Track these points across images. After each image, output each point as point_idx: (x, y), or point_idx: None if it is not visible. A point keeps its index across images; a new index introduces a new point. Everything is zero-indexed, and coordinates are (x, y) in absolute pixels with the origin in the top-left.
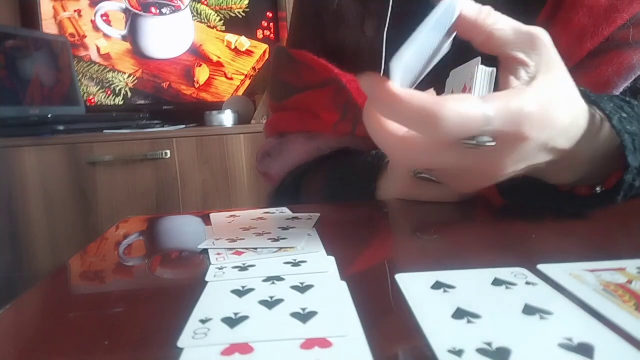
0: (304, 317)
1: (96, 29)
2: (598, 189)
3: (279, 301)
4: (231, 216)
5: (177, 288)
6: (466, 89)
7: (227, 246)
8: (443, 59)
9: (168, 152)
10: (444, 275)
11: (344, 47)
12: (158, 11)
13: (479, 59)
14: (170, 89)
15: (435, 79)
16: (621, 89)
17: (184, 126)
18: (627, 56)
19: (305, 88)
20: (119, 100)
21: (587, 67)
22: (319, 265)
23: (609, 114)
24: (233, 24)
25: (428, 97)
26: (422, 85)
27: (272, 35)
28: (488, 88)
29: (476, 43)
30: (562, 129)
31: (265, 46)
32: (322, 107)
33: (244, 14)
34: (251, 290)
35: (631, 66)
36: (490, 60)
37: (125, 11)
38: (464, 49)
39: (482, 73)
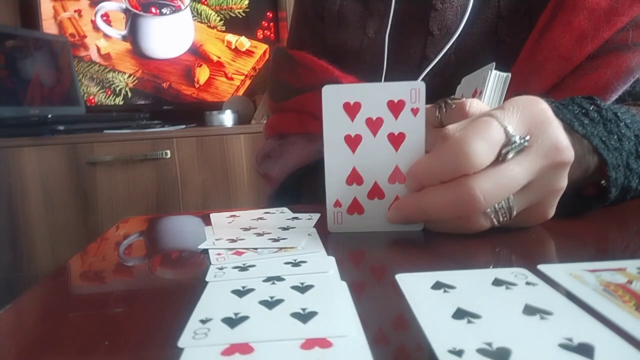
0: (304, 317)
1: (96, 29)
2: (603, 182)
3: (279, 301)
4: (231, 216)
5: (177, 288)
6: (476, 92)
7: (227, 246)
8: (443, 70)
9: (168, 152)
10: (444, 275)
11: (346, 47)
12: (158, 11)
13: (493, 63)
14: (170, 89)
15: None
16: (620, 92)
17: (184, 126)
18: (625, 59)
19: (305, 89)
20: (119, 100)
21: (586, 70)
22: (319, 265)
23: (569, 122)
24: (233, 24)
25: (446, 143)
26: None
27: (272, 35)
28: (500, 93)
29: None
30: None
31: (265, 46)
32: (322, 108)
33: (244, 14)
34: (251, 290)
35: (630, 69)
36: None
37: (125, 11)
38: (466, 60)
39: (495, 77)
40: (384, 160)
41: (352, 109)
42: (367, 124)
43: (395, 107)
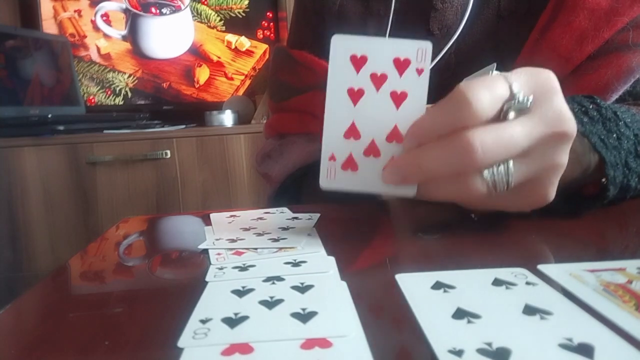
0: (304, 317)
1: (96, 29)
2: (603, 180)
3: (279, 301)
4: (231, 216)
5: (177, 288)
6: None
7: (227, 246)
8: (443, 70)
9: (168, 152)
10: (444, 275)
11: None
12: (158, 11)
13: (494, 64)
14: (170, 89)
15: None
16: (620, 92)
17: (184, 126)
18: (626, 59)
19: (305, 89)
20: (119, 100)
21: (587, 70)
22: (319, 265)
23: None
24: (233, 24)
25: (448, 95)
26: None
27: (272, 35)
28: None
29: None
30: None
31: (265, 46)
32: (322, 107)
33: (244, 14)
34: (251, 290)
35: (630, 69)
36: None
37: (125, 11)
38: (466, 59)
39: None
40: (384, 118)
41: (358, 62)
42: (371, 79)
43: (401, 65)
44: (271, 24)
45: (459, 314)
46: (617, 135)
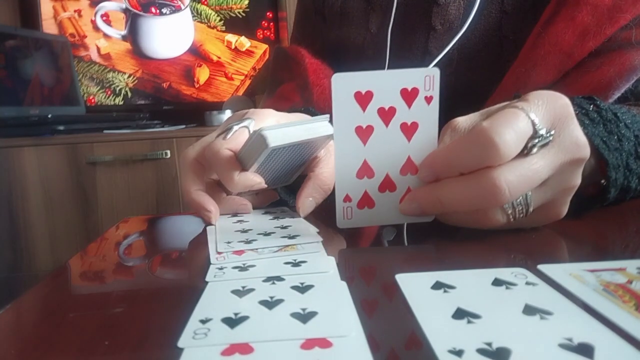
0: (304, 317)
1: (96, 29)
2: (603, 182)
3: (279, 301)
4: (231, 216)
5: (177, 288)
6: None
7: (227, 247)
8: (445, 67)
9: (168, 152)
10: (444, 275)
11: (348, 44)
12: (158, 11)
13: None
14: (170, 89)
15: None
16: (622, 90)
17: (184, 126)
18: (629, 56)
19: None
20: (119, 100)
21: (589, 67)
22: (319, 265)
23: None
24: (233, 24)
25: (471, 133)
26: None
27: (272, 35)
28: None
29: None
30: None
31: (265, 46)
32: (293, 94)
33: (244, 14)
34: (251, 290)
35: (633, 67)
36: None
37: (125, 11)
38: (468, 56)
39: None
40: (396, 152)
41: (363, 99)
42: (379, 114)
43: (409, 96)
44: (271, 24)
45: (459, 314)
46: (617, 136)
